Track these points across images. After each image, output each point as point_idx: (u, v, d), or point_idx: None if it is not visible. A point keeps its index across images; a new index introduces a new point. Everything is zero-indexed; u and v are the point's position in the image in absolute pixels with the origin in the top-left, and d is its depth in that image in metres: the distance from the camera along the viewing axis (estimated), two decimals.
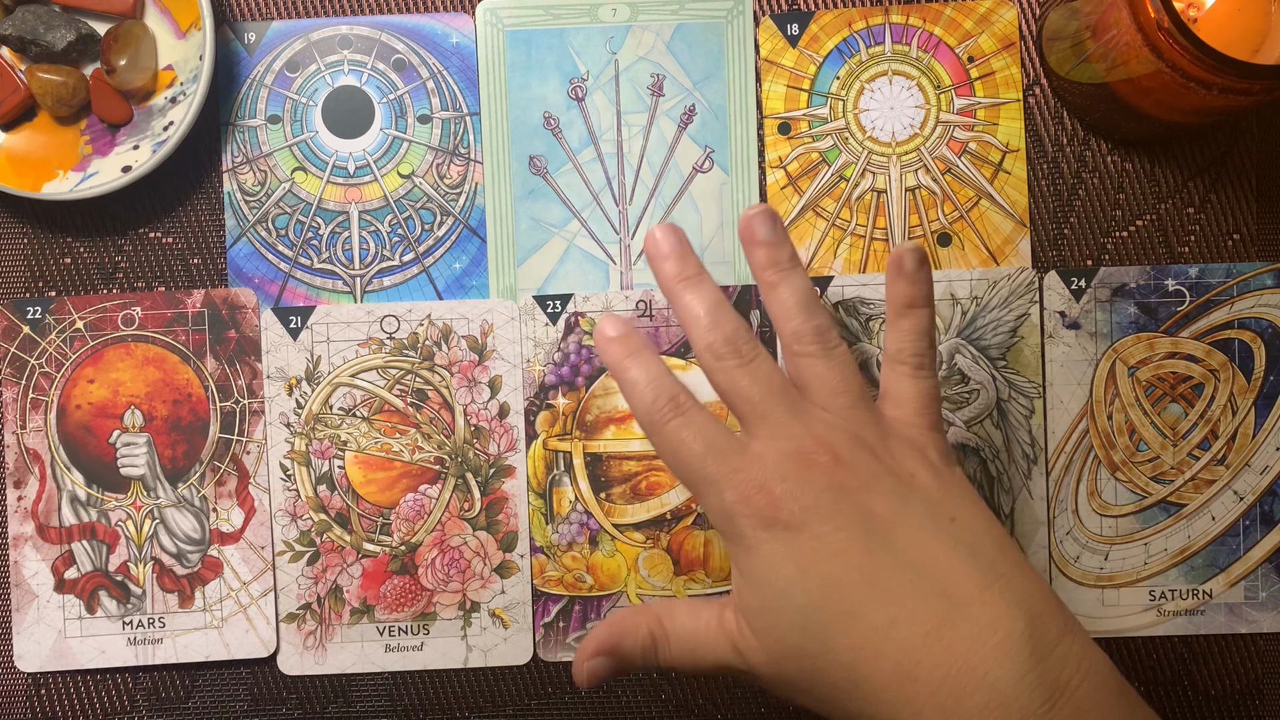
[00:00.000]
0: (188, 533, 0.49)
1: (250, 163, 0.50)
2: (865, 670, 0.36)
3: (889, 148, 0.50)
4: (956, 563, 0.36)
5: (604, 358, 0.41)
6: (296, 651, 0.49)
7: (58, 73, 0.48)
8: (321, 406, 0.49)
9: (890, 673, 0.35)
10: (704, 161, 0.50)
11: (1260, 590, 0.49)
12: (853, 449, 0.38)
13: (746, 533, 0.38)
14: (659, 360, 0.41)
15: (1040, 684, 0.34)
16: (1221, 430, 0.49)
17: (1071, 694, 0.35)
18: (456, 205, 0.50)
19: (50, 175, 0.48)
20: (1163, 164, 0.50)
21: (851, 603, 0.36)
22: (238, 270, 0.50)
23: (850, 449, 0.38)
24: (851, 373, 0.40)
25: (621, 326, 0.41)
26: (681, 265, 0.41)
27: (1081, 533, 0.49)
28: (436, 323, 0.49)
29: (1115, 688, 0.36)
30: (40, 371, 0.49)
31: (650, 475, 0.49)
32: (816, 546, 0.37)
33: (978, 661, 0.35)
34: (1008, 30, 0.50)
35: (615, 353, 0.41)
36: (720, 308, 0.40)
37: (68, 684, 0.50)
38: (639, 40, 0.50)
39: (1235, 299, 0.49)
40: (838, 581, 0.36)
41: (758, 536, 0.37)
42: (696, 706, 0.50)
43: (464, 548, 0.49)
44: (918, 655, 0.35)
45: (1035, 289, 0.49)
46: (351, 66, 0.50)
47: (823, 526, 0.37)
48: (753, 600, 0.38)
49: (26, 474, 0.49)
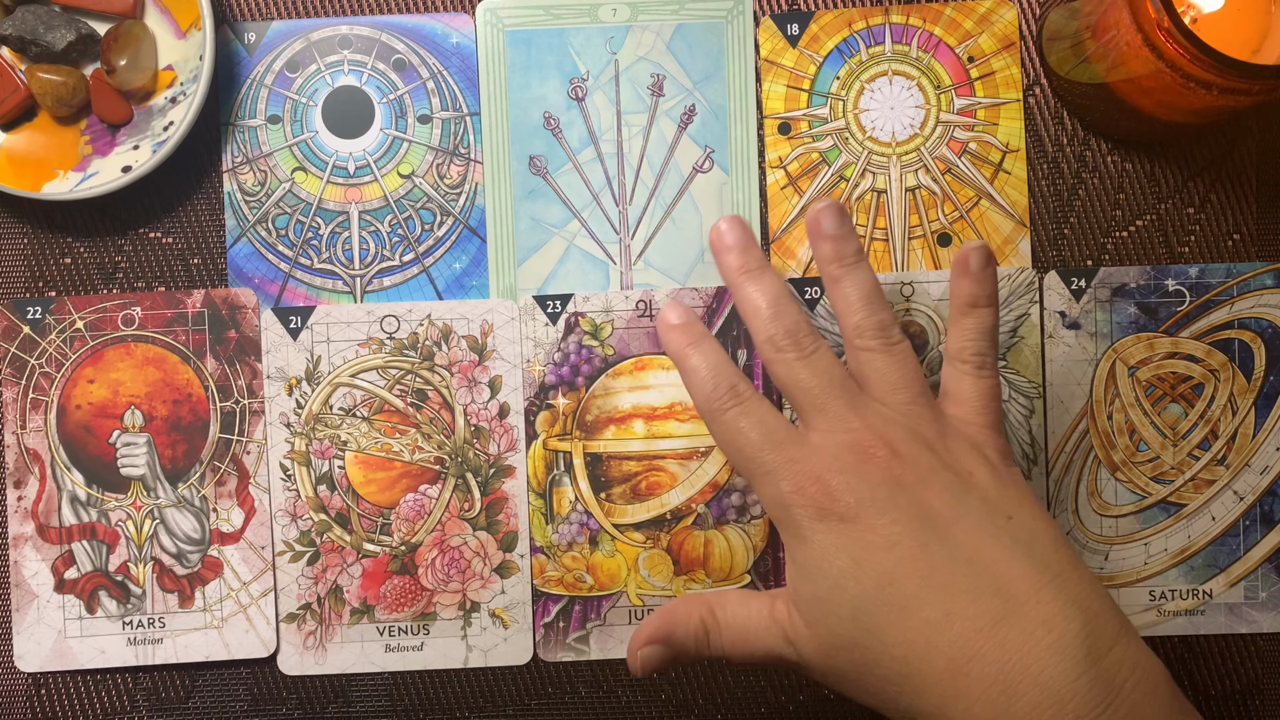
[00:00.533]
0: (188, 533, 0.49)
1: (250, 163, 0.50)
2: (917, 664, 0.36)
3: (889, 148, 0.50)
4: (1012, 561, 0.36)
5: (665, 345, 0.42)
6: (296, 651, 0.49)
7: (58, 73, 0.48)
8: (321, 406, 0.49)
9: (943, 668, 0.35)
10: (704, 161, 0.50)
11: (1260, 590, 0.49)
12: (910, 444, 0.38)
13: (802, 523, 0.38)
14: (720, 349, 0.41)
15: (1095, 685, 0.34)
16: (1221, 430, 0.49)
17: (1126, 696, 0.34)
18: (456, 205, 0.50)
19: (50, 175, 0.48)
20: (1163, 164, 0.50)
21: (905, 596, 0.36)
22: (238, 270, 0.50)
23: (908, 444, 0.38)
24: (913, 369, 0.41)
25: (684, 314, 0.42)
26: (745, 258, 0.42)
27: (1081, 533, 0.49)
28: (436, 323, 0.49)
29: (1168, 693, 0.36)
30: (40, 371, 0.49)
31: (650, 475, 0.49)
32: (871, 539, 0.37)
33: (1031, 660, 0.34)
34: (1008, 30, 0.50)
35: (677, 340, 0.42)
36: (782, 300, 0.41)
37: (68, 684, 0.50)
38: (639, 40, 0.50)
39: (1235, 299, 0.49)
40: (891, 575, 0.36)
41: (812, 527, 0.38)
42: (696, 706, 0.50)
43: (464, 548, 0.49)
44: (970, 651, 0.35)
45: (1035, 289, 0.49)
46: (351, 66, 0.50)
47: (878, 520, 0.37)
48: (805, 591, 0.38)
49: (26, 474, 0.49)
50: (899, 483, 0.38)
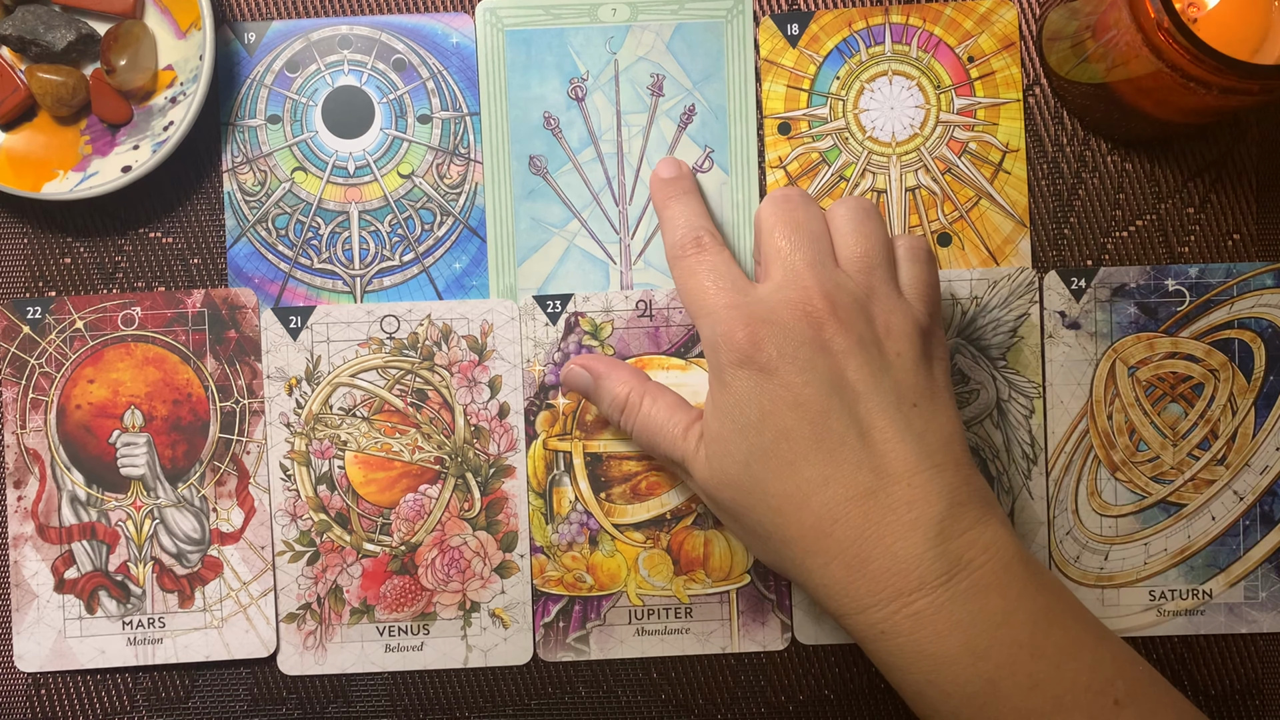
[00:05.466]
0: (188, 533, 0.49)
1: (250, 163, 0.50)
2: (789, 516, 0.39)
3: (889, 148, 0.50)
4: (900, 443, 0.39)
5: (653, 196, 0.47)
6: (296, 651, 0.49)
7: (58, 73, 0.48)
8: (321, 406, 0.49)
9: (810, 524, 0.39)
10: (704, 161, 0.50)
11: (1260, 590, 0.49)
12: (854, 314, 0.40)
13: (724, 366, 0.40)
14: (701, 203, 0.45)
15: (941, 559, 0.38)
16: (1221, 430, 0.49)
17: (973, 572, 0.38)
18: (456, 205, 0.50)
19: (50, 175, 0.48)
20: (1163, 164, 0.50)
21: (795, 454, 0.39)
22: (238, 270, 0.50)
23: (852, 313, 0.40)
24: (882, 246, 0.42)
25: (676, 168, 0.47)
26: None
27: (1081, 533, 0.49)
28: (436, 323, 0.49)
29: (1022, 572, 0.39)
30: (40, 371, 0.49)
31: (650, 475, 0.49)
32: (782, 395, 0.39)
33: (887, 531, 0.38)
34: (1008, 30, 0.50)
35: (662, 192, 0.46)
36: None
37: (68, 684, 0.50)
38: (639, 40, 0.50)
39: (1235, 299, 0.49)
40: (789, 432, 0.39)
41: (734, 373, 0.40)
42: (696, 706, 0.50)
43: (464, 548, 0.49)
44: (837, 514, 0.39)
45: (1035, 289, 0.49)
46: (351, 66, 0.50)
47: (794, 377, 0.39)
48: (714, 428, 0.41)
49: (26, 474, 0.49)
50: (825, 347, 0.39)
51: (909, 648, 0.38)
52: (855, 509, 0.38)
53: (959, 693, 0.38)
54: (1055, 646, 0.38)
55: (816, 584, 0.40)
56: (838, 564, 0.39)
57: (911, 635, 0.38)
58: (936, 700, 0.38)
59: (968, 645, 0.37)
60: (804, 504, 0.39)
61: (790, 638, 0.49)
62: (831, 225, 0.43)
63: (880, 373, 0.40)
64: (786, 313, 0.40)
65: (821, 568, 0.39)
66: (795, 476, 0.39)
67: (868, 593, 0.38)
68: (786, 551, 0.40)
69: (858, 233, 0.42)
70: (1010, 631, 0.37)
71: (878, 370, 0.40)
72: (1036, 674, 0.37)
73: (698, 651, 0.49)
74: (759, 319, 0.40)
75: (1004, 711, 0.37)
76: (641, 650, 0.49)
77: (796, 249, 0.41)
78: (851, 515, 0.38)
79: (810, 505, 0.39)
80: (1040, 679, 0.37)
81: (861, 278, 0.41)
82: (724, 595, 0.49)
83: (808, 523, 0.39)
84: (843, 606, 0.39)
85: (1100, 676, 0.38)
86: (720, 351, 0.40)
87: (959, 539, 0.38)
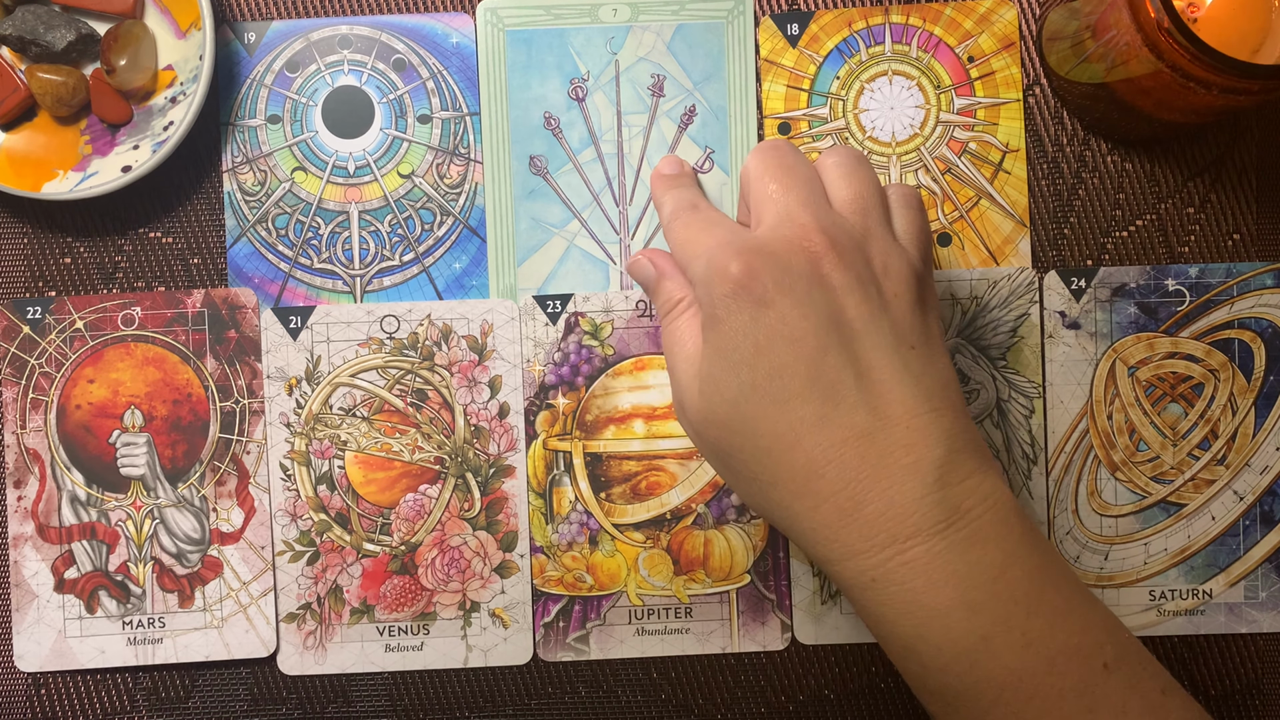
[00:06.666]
0: (188, 533, 0.49)
1: (250, 163, 0.50)
2: (778, 457, 0.37)
3: (889, 148, 0.50)
4: (898, 385, 0.37)
5: (653, 191, 0.46)
6: (296, 651, 0.49)
7: (58, 73, 0.48)
8: (321, 406, 0.49)
9: (801, 465, 0.37)
10: (704, 162, 0.50)
11: (1260, 590, 0.49)
12: (851, 252, 0.39)
13: (718, 301, 0.38)
14: (699, 192, 0.45)
15: (939, 506, 0.36)
16: (1221, 430, 0.49)
17: (971, 521, 0.36)
18: (456, 205, 0.50)
19: (50, 175, 0.48)
20: (1163, 164, 0.50)
21: (788, 392, 0.37)
22: (238, 270, 0.50)
23: (850, 251, 0.39)
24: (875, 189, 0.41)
25: (678, 167, 0.47)
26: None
27: (1081, 533, 0.49)
28: (436, 323, 0.49)
29: (1019, 526, 0.37)
30: (40, 371, 0.49)
31: (650, 475, 0.49)
32: (778, 329, 0.37)
33: (883, 474, 0.36)
34: (1008, 30, 0.50)
35: (660, 186, 0.46)
36: None
37: (68, 684, 0.50)
38: (639, 40, 0.50)
39: (1235, 299, 0.49)
40: (783, 368, 0.37)
41: (727, 305, 0.38)
42: (696, 706, 0.50)
43: (464, 548, 0.49)
44: (831, 455, 0.37)
45: (1035, 289, 0.49)
46: (351, 66, 0.50)
47: (791, 310, 0.37)
48: (706, 367, 0.39)
49: (26, 474, 0.49)
50: (824, 282, 0.38)
51: (901, 597, 0.36)
52: (850, 451, 0.37)
53: (951, 648, 0.36)
54: (1050, 605, 0.36)
55: (804, 528, 0.38)
56: (829, 507, 0.37)
57: (904, 584, 0.36)
58: (926, 655, 0.37)
59: (963, 598, 0.36)
60: (795, 444, 0.37)
61: (790, 638, 0.49)
62: (822, 172, 0.41)
63: (879, 312, 0.38)
64: (783, 247, 0.38)
65: (810, 511, 0.37)
66: (787, 415, 0.37)
67: (860, 538, 0.36)
68: (773, 494, 0.38)
69: (850, 177, 0.41)
70: (1006, 586, 0.36)
71: (876, 309, 0.38)
72: (1030, 632, 0.36)
73: (698, 651, 0.49)
74: (753, 250, 0.38)
75: (995, 669, 0.36)
76: (641, 650, 0.49)
77: (789, 190, 0.40)
78: (846, 457, 0.37)
79: (802, 446, 0.37)
80: (1034, 637, 0.36)
81: (857, 219, 0.40)
82: (724, 595, 0.49)
83: (798, 464, 0.37)
84: (831, 553, 0.37)
85: (1091, 639, 0.37)
86: (713, 285, 0.38)
87: (958, 486, 0.37)
